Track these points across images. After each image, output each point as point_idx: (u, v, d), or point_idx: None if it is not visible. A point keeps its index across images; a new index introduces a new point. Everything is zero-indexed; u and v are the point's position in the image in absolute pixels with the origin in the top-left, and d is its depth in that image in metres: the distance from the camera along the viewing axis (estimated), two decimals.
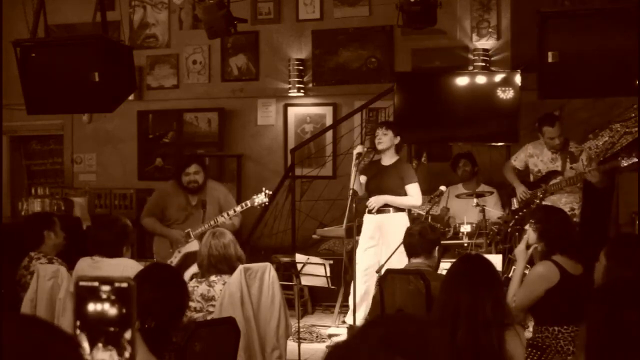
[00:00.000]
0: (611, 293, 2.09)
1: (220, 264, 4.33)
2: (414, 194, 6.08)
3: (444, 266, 4.33)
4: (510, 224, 6.55)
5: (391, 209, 6.05)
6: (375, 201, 6.01)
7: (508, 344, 2.75)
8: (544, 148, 6.47)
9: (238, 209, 5.99)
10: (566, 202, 6.24)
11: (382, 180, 6.06)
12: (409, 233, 4.56)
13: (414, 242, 4.46)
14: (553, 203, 6.20)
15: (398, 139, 6.18)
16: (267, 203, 6.15)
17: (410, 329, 1.21)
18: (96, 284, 1.12)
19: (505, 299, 2.95)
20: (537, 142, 6.54)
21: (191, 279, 4.53)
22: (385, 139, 6.10)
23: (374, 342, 1.16)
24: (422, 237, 4.40)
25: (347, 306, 6.19)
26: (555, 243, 4.03)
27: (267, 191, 6.04)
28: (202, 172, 6.12)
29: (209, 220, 5.92)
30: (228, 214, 5.94)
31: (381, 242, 6.04)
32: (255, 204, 6.02)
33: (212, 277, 4.31)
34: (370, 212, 6.06)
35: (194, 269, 4.60)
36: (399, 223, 5.99)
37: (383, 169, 6.14)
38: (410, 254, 4.55)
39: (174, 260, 5.91)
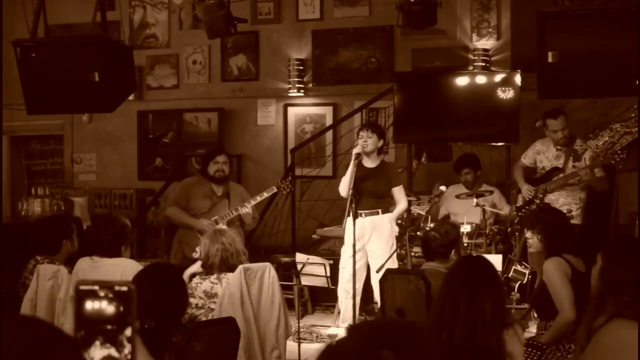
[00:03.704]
0: None
1: (232, 258, 4.35)
2: (401, 198, 6.14)
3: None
4: (516, 221, 6.54)
5: (380, 210, 6.07)
6: (391, 221, 6.07)
7: (507, 343, 2.76)
8: (551, 144, 6.44)
9: (265, 194, 6.14)
10: (563, 202, 6.22)
11: (372, 183, 6.04)
12: (425, 237, 4.58)
13: (429, 246, 4.47)
14: (551, 203, 6.20)
15: (382, 142, 6.17)
16: (291, 189, 6.37)
17: (399, 327, 1.23)
18: (96, 287, 1.12)
19: (504, 300, 2.95)
20: (546, 138, 6.49)
21: (191, 277, 4.54)
22: (371, 141, 6.08)
23: (362, 338, 1.17)
24: (437, 241, 4.42)
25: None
26: (559, 245, 4.05)
27: (289, 178, 6.27)
28: (229, 163, 6.25)
29: (235, 209, 5.98)
30: (254, 200, 6.05)
31: (370, 243, 6.06)
32: (281, 188, 6.19)
33: (216, 274, 4.31)
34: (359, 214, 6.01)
35: (194, 268, 4.58)
36: (387, 223, 6.09)
37: (370, 171, 6.11)
38: (426, 256, 4.58)
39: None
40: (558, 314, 3.98)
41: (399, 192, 6.13)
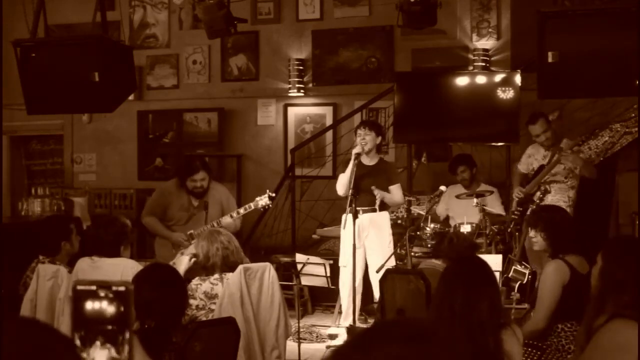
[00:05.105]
0: None
1: (232, 256, 4.35)
2: (398, 193, 6.20)
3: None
4: (511, 226, 6.58)
5: (377, 207, 6.10)
6: (379, 195, 6.03)
7: (505, 343, 2.75)
8: (540, 147, 6.57)
9: (242, 211, 5.91)
10: (552, 200, 6.23)
11: (371, 181, 6.07)
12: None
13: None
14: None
15: (380, 139, 6.21)
16: (270, 205, 6.06)
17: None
18: (94, 287, 1.12)
19: (500, 299, 2.95)
20: (536, 143, 6.63)
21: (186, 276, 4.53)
22: (369, 138, 6.12)
23: None
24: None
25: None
26: (562, 243, 4.05)
27: (270, 194, 5.96)
28: (207, 177, 6.04)
29: (212, 221, 5.89)
30: (232, 216, 5.90)
31: (369, 240, 6.10)
32: (259, 206, 5.94)
33: (216, 275, 4.31)
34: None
35: (185, 265, 4.53)
36: (384, 221, 6.18)
37: (369, 169, 6.14)
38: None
39: (180, 258, 5.83)
40: (530, 318, 4.01)
41: (396, 189, 6.19)
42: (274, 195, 6.09)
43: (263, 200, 5.92)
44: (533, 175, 6.56)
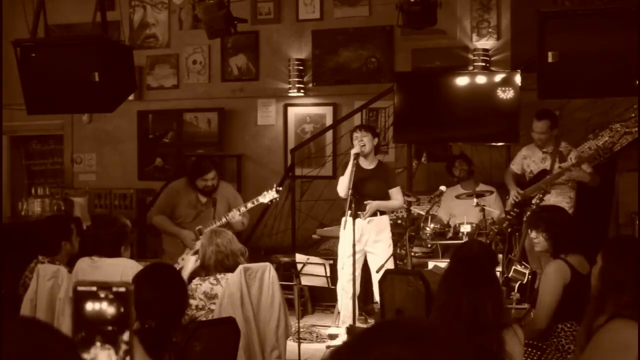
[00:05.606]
0: None
1: (227, 260, 4.35)
2: (398, 198, 6.22)
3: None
4: (504, 225, 6.58)
5: (378, 212, 6.11)
6: (370, 207, 6.03)
7: (507, 343, 2.75)
8: (536, 149, 6.53)
9: (249, 204, 5.96)
10: (554, 202, 6.22)
11: (370, 185, 6.07)
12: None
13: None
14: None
15: (376, 141, 6.23)
16: (277, 199, 6.10)
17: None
18: (94, 288, 1.12)
19: (503, 299, 2.95)
20: (531, 144, 6.61)
21: (190, 277, 4.54)
22: (367, 139, 6.12)
23: None
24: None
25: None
26: (563, 243, 4.05)
27: (277, 187, 6.02)
28: (217, 176, 6.12)
29: (220, 218, 5.92)
30: (240, 210, 5.94)
31: (370, 245, 6.11)
32: (267, 200, 5.99)
33: (215, 275, 4.31)
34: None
35: (191, 265, 4.56)
36: (385, 224, 6.18)
37: (368, 173, 6.14)
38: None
39: (188, 257, 5.84)
40: (530, 318, 4.02)
41: (396, 192, 6.21)
42: (280, 189, 6.14)
43: (270, 194, 5.96)
44: (533, 178, 6.53)
